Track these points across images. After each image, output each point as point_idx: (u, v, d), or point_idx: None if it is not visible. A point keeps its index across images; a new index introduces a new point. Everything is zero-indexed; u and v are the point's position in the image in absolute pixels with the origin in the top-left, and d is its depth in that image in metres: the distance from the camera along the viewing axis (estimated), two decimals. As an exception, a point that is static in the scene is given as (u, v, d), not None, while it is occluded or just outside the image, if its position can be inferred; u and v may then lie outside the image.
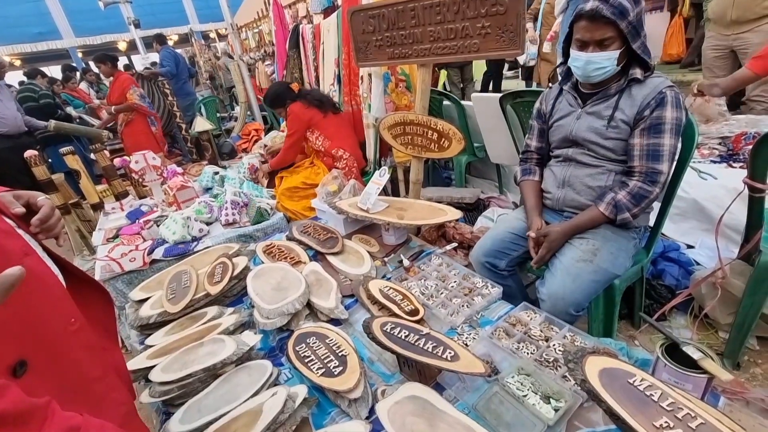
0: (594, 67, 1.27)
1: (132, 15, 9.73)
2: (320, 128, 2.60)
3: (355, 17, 1.77)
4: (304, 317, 1.37)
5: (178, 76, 5.08)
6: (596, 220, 1.35)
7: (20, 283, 0.43)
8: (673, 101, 1.23)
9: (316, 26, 3.19)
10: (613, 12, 1.17)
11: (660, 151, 1.24)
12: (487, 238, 1.54)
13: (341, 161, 2.57)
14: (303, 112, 2.58)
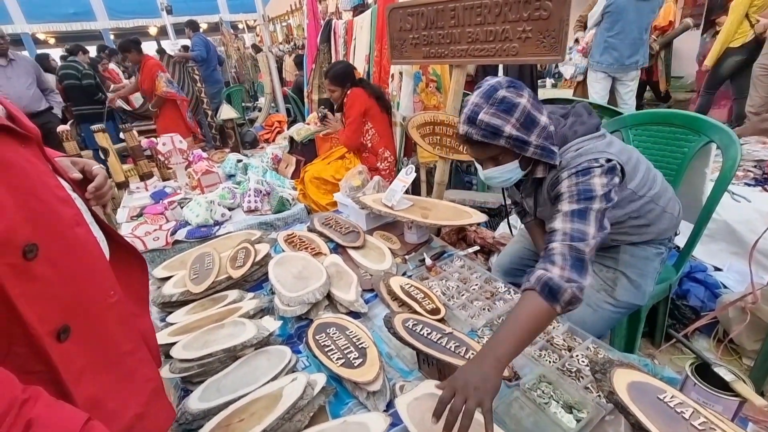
0: (499, 180, 1.15)
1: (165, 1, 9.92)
2: (374, 122, 2.54)
3: (394, 14, 1.77)
4: (323, 308, 1.38)
5: (207, 63, 5.16)
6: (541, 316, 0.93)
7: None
8: (571, 172, 1.05)
9: (348, 22, 3.20)
10: (484, 134, 1.02)
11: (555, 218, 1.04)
12: (506, 255, 1.52)
13: (384, 162, 2.55)
14: (364, 98, 2.50)
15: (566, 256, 0.93)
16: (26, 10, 12.33)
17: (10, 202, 0.54)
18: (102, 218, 0.77)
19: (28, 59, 3.79)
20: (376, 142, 2.56)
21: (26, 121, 0.65)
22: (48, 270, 0.56)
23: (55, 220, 0.62)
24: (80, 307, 0.64)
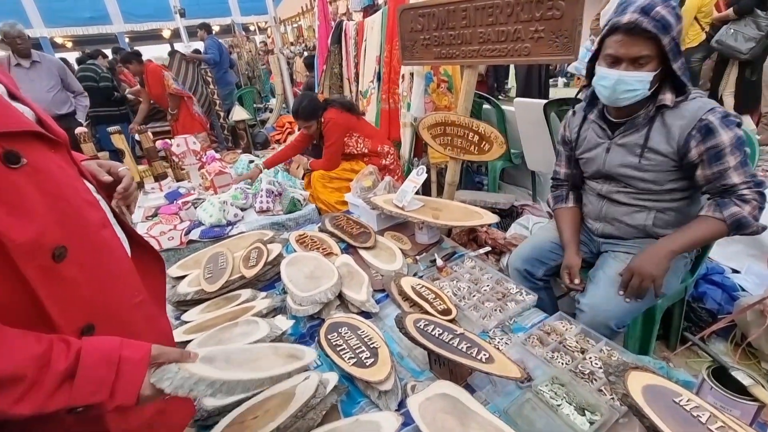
0: (624, 89, 1.13)
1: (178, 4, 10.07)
2: (358, 130, 2.55)
3: (405, 15, 1.78)
4: (335, 307, 1.39)
5: (220, 65, 5.23)
6: (717, 234, 1.16)
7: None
8: (720, 124, 1.09)
9: (359, 23, 3.22)
10: (655, 25, 1.04)
11: (727, 173, 1.12)
12: (527, 245, 1.52)
13: (388, 157, 2.54)
14: (340, 117, 2.50)
15: (756, 198, 1.11)
16: (45, 15, 12.63)
17: (41, 206, 0.56)
18: (124, 219, 0.79)
19: (54, 61, 3.68)
20: (370, 145, 2.56)
21: (55, 126, 0.67)
22: (75, 271, 0.58)
23: (83, 222, 0.64)
24: (105, 307, 0.66)
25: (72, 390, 0.52)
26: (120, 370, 0.56)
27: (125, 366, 0.57)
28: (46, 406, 0.51)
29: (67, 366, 0.52)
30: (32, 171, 0.57)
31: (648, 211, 1.28)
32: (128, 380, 0.57)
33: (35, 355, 0.51)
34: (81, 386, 0.53)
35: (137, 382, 0.59)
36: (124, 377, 0.57)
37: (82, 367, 0.53)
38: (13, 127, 0.56)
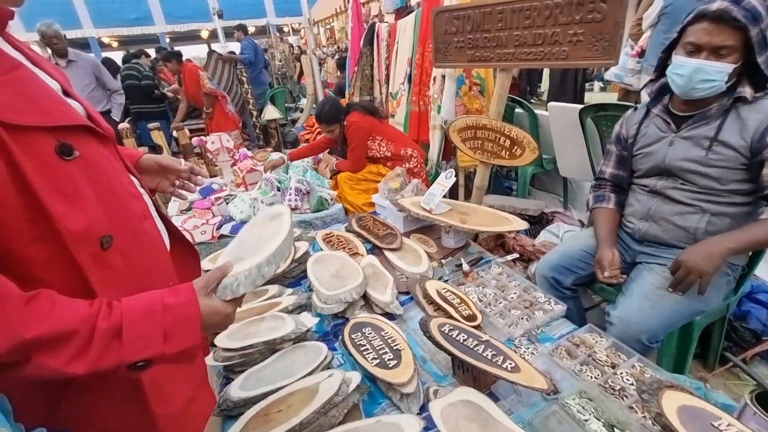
0: (702, 78, 1.10)
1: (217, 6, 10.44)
2: (381, 133, 2.56)
3: (439, 17, 1.77)
4: (359, 307, 1.40)
5: (255, 65, 5.38)
6: None
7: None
8: None
9: (392, 25, 3.23)
10: (745, 15, 1.02)
11: None
12: (556, 253, 1.48)
13: (411, 160, 2.54)
14: (363, 120, 2.53)
15: None
16: (94, 16, 13.37)
17: (91, 197, 0.60)
18: (164, 213, 0.82)
19: (89, 60, 3.83)
20: (393, 149, 2.56)
21: (103, 122, 0.71)
22: (120, 259, 0.61)
23: (127, 213, 0.67)
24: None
25: (122, 347, 0.54)
26: (167, 318, 0.58)
27: (175, 312, 0.59)
28: (98, 364, 0.53)
29: (111, 324, 0.54)
30: (84, 163, 0.60)
31: (702, 214, 1.22)
32: (182, 324, 0.59)
33: (83, 315, 0.53)
34: (129, 342, 0.55)
35: (194, 321, 0.60)
36: (176, 323, 0.59)
37: (126, 324, 0.55)
38: (67, 121, 0.59)
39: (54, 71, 0.69)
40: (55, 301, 0.52)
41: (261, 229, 0.84)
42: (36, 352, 0.50)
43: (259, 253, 0.74)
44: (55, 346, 0.50)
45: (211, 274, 0.68)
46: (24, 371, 0.50)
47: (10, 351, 0.48)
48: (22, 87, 0.56)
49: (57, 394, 0.61)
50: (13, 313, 0.48)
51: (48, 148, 0.56)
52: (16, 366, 0.49)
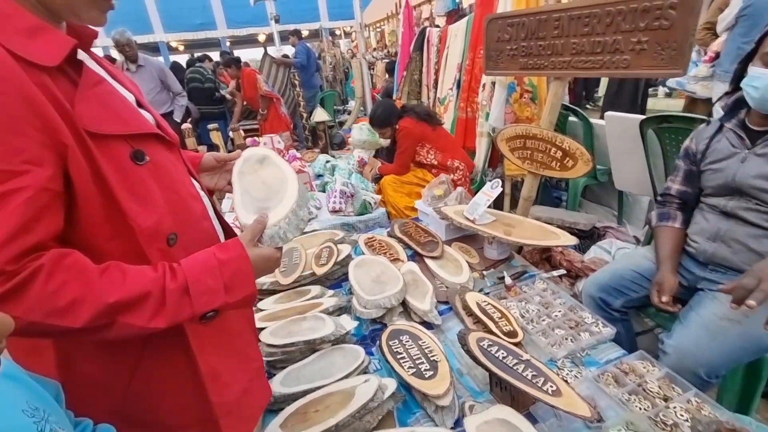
0: None
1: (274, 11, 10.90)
2: (431, 141, 2.56)
3: (492, 24, 1.74)
4: (397, 314, 1.41)
5: (307, 69, 5.57)
6: None
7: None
8: None
9: (443, 30, 3.22)
10: None
11: None
12: (605, 272, 1.41)
13: (456, 172, 2.52)
14: (414, 126, 2.54)
15: None
16: (164, 22, 14.47)
17: (159, 198, 0.65)
18: (220, 213, 0.88)
19: (155, 64, 4.07)
20: (440, 158, 2.54)
21: (169, 129, 0.77)
22: (183, 255, 0.66)
23: (189, 213, 0.73)
24: None
25: (191, 302, 0.60)
26: (224, 271, 0.63)
27: (229, 265, 0.64)
28: (175, 318, 0.59)
29: (178, 285, 0.60)
30: (153, 167, 0.66)
31: None
32: (239, 276, 0.65)
33: (152, 278, 0.59)
34: (197, 297, 0.61)
35: (248, 272, 0.66)
36: (233, 276, 0.64)
37: (191, 282, 0.61)
38: (140, 130, 0.66)
39: (129, 84, 0.76)
40: (125, 269, 0.58)
41: (257, 174, 0.85)
42: (120, 315, 0.56)
43: (284, 199, 0.77)
44: (135, 307, 0.57)
45: (253, 227, 0.72)
46: (109, 333, 0.56)
47: (95, 316, 0.54)
48: (104, 99, 0.62)
49: (125, 386, 0.67)
50: (94, 283, 0.54)
51: (124, 154, 0.62)
52: (101, 329, 0.55)
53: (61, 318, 0.52)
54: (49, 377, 0.65)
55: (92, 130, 0.58)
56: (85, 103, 0.58)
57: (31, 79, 0.52)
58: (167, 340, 0.69)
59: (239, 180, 0.85)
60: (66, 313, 0.52)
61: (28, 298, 0.50)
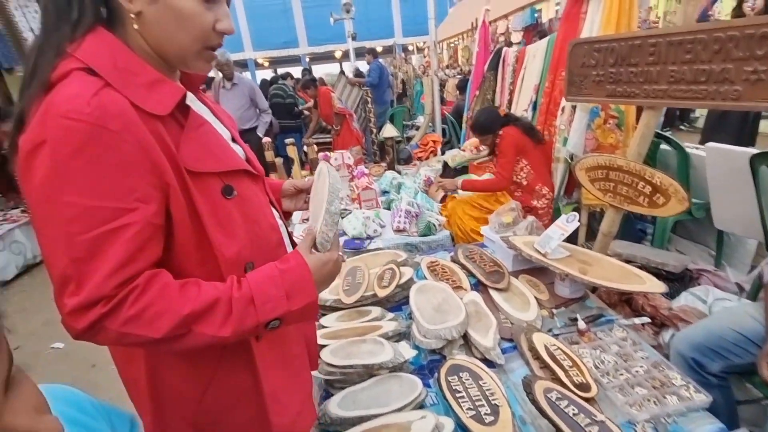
0: None
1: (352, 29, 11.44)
2: (529, 158, 2.42)
3: (577, 49, 1.65)
4: (458, 346, 1.37)
5: (379, 86, 5.74)
6: None
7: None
8: None
9: (520, 50, 3.13)
10: None
11: None
12: (701, 329, 1.24)
13: (542, 200, 2.38)
14: (518, 136, 2.40)
15: None
16: (254, 41, 15.90)
17: (242, 229, 0.71)
18: (293, 238, 0.93)
19: (247, 83, 4.37)
20: (531, 179, 2.41)
21: (256, 163, 0.84)
22: None
23: (266, 242, 0.78)
24: None
25: (256, 310, 0.63)
26: (286, 281, 0.67)
27: (290, 275, 0.68)
28: (241, 326, 0.63)
29: (243, 294, 0.64)
30: (240, 200, 0.71)
31: None
32: (299, 284, 0.68)
33: (221, 289, 0.64)
34: (260, 305, 0.64)
35: (308, 280, 0.68)
36: (294, 284, 0.67)
37: (255, 292, 0.64)
38: (232, 167, 0.72)
39: (227, 120, 0.84)
40: (200, 284, 0.64)
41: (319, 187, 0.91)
42: (194, 324, 0.61)
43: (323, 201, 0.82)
44: (206, 315, 0.61)
45: (305, 238, 0.77)
46: (186, 342, 0.61)
47: (173, 327, 0.59)
48: (204, 140, 0.69)
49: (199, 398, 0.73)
50: (174, 298, 0.60)
51: (216, 189, 0.68)
52: (179, 338, 0.61)
53: (145, 329, 0.58)
54: (138, 382, 0.73)
55: (191, 169, 0.64)
56: (188, 145, 0.65)
57: (147, 127, 0.60)
58: (237, 356, 0.74)
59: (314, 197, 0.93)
60: (150, 325, 0.58)
61: (123, 315, 0.57)
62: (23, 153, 0.56)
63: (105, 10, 0.63)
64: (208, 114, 0.78)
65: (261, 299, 0.64)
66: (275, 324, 0.66)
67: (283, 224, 0.89)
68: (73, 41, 0.60)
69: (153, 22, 0.62)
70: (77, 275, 0.56)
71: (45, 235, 0.57)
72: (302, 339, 0.93)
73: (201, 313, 0.61)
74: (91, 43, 0.60)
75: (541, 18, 7.76)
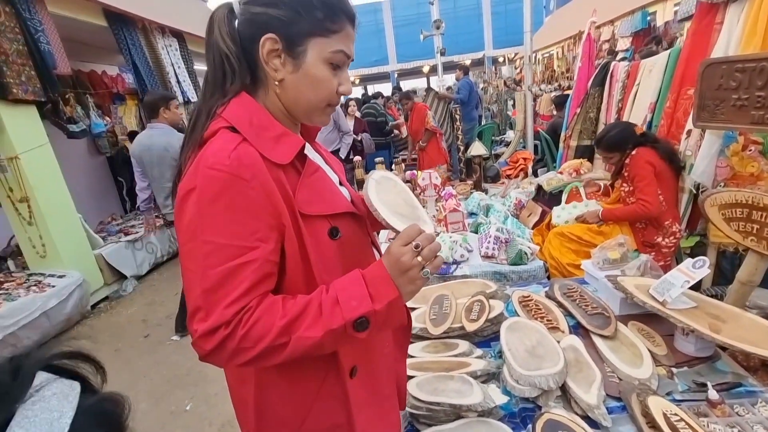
0: None
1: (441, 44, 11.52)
2: (663, 187, 2.11)
3: (712, 70, 1.44)
4: (554, 397, 1.25)
5: (468, 103, 5.67)
6: None
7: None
8: None
9: (632, 65, 2.84)
10: None
11: None
12: None
13: (671, 237, 2.08)
14: (655, 158, 2.10)
15: None
16: (348, 61, 16.87)
17: (341, 269, 0.75)
18: None
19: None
20: (663, 212, 2.09)
21: (360, 204, 0.87)
22: None
23: None
24: (366, 353, 0.82)
25: (341, 308, 0.65)
26: (367, 281, 0.68)
27: (370, 274, 0.69)
28: (329, 324, 0.65)
29: (330, 296, 0.67)
30: (344, 241, 0.76)
31: None
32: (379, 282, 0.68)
33: (313, 294, 0.68)
34: (345, 303, 0.66)
35: (385, 276, 0.68)
36: (374, 282, 0.68)
37: (339, 293, 0.67)
38: (339, 210, 0.76)
39: (336, 165, 0.90)
40: (296, 296, 0.69)
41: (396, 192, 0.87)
42: (291, 330, 0.65)
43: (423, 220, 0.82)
44: (300, 319, 0.65)
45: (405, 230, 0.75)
46: (288, 351, 0.65)
47: (276, 336, 0.64)
48: (317, 185, 0.75)
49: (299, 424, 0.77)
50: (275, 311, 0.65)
51: (323, 231, 0.73)
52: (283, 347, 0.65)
53: (253, 342, 0.64)
54: (247, 403, 0.80)
55: (304, 212, 0.70)
56: (303, 190, 0.72)
57: (271, 174, 0.67)
58: (333, 391, 0.77)
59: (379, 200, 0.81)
60: (257, 339, 0.64)
61: (238, 334, 0.63)
62: (178, 198, 0.67)
63: (250, 77, 0.73)
64: (321, 161, 0.85)
65: (344, 297, 0.66)
66: (364, 324, 0.66)
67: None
68: (223, 104, 0.71)
69: (292, 86, 0.71)
70: (206, 304, 0.64)
71: (187, 269, 0.66)
72: (393, 379, 0.93)
73: (296, 317, 0.65)
74: (235, 105, 0.70)
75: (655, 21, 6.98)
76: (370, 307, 0.67)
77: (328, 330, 0.65)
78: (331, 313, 0.66)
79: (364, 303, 0.67)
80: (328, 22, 0.69)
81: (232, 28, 0.70)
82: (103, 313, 3.81)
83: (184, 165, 0.71)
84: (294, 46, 0.68)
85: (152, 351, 3.04)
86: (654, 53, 3.27)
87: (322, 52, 0.69)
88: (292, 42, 0.68)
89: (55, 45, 3.61)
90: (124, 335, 3.33)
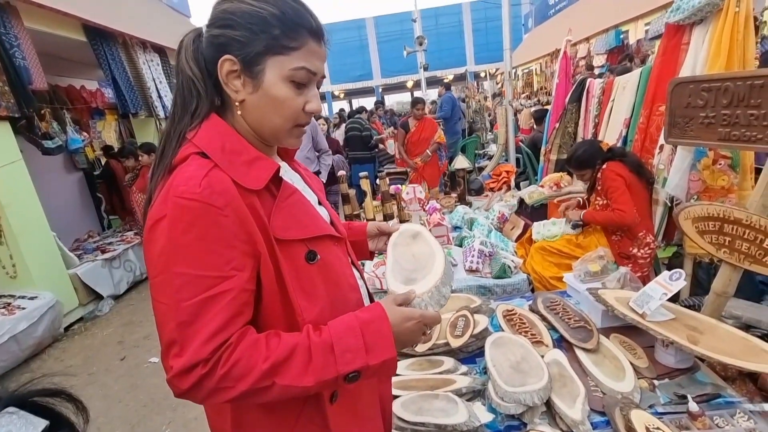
0: None
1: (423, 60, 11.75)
2: (635, 198, 2.15)
3: (681, 88, 1.50)
4: (539, 413, 1.25)
5: (451, 119, 5.77)
6: None
7: None
8: None
9: (607, 82, 2.94)
10: None
11: None
12: None
13: (644, 248, 2.12)
14: (624, 173, 2.15)
15: None
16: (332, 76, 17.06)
17: (322, 292, 0.73)
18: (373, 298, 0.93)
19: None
20: (637, 222, 2.14)
21: (340, 225, 0.86)
22: None
23: (345, 304, 0.78)
24: None
25: (336, 359, 0.63)
26: (365, 333, 0.66)
27: (370, 327, 0.66)
28: (322, 375, 0.63)
29: (323, 339, 0.64)
30: (322, 264, 0.74)
31: None
32: (378, 338, 0.66)
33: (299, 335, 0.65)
34: (340, 354, 0.63)
35: (387, 335, 0.67)
36: (373, 337, 0.66)
37: (334, 340, 0.64)
38: (316, 233, 0.74)
39: (314, 184, 0.88)
40: (281, 334, 0.66)
41: (409, 248, 0.90)
42: (276, 375, 0.62)
43: (430, 274, 0.80)
44: (287, 364, 0.62)
45: (396, 296, 0.74)
46: (272, 393, 0.63)
47: (257, 379, 0.61)
48: (293, 210, 0.73)
49: None
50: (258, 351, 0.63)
51: (300, 255, 0.71)
52: (266, 390, 0.62)
53: (233, 383, 0.61)
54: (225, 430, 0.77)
55: (279, 237, 0.68)
56: (279, 214, 0.70)
57: (245, 200, 0.65)
58: (312, 417, 0.74)
59: (393, 250, 0.91)
60: (237, 380, 0.61)
61: (217, 374, 0.61)
62: (147, 226, 0.64)
63: (219, 99, 0.72)
64: (300, 181, 0.83)
65: (340, 348, 0.64)
66: (355, 377, 0.65)
67: (363, 284, 0.90)
68: (193, 128, 0.69)
69: (253, 107, 0.69)
70: (181, 338, 0.61)
71: (158, 301, 0.63)
72: (377, 401, 0.91)
73: (282, 362, 0.62)
74: (206, 129, 0.69)
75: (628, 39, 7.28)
76: (364, 363, 0.65)
77: (320, 381, 0.63)
78: (324, 362, 0.63)
79: (360, 357, 0.65)
80: (285, 39, 0.66)
81: (197, 52, 0.69)
82: (77, 335, 3.66)
83: (154, 191, 0.68)
84: (251, 65, 0.66)
85: (128, 374, 2.92)
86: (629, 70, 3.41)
87: (281, 70, 0.67)
88: (250, 62, 0.66)
89: (31, 60, 3.53)
90: (98, 358, 3.20)
